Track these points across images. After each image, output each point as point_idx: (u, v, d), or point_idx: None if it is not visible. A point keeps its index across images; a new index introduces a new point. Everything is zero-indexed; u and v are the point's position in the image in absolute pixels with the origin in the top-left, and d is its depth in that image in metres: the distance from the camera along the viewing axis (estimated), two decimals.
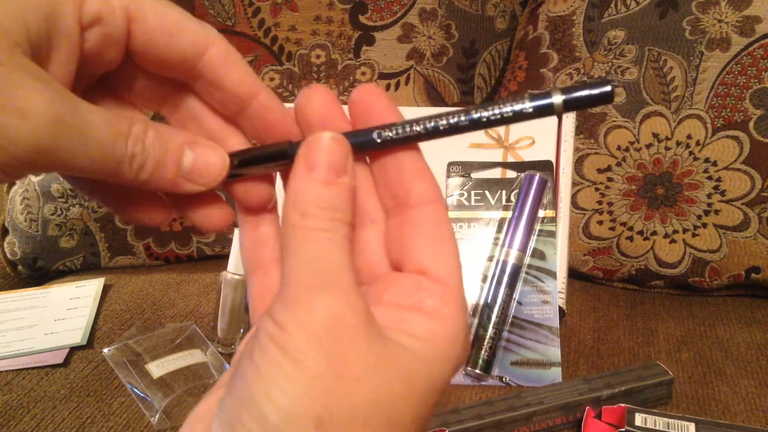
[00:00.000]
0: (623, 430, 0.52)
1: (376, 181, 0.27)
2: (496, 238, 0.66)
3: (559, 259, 0.66)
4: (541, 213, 0.66)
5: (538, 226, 0.66)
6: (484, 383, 0.63)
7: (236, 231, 0.66)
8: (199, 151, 0.26)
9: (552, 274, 0.65)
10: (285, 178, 0.27)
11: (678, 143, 0.76)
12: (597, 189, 0.80)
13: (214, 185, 0.27)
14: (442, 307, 0.24)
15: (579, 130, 0.79)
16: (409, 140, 0.25)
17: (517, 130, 0.70)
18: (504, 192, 0.68)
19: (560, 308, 0.66)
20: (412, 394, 0.22)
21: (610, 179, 0.79)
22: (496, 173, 0.69)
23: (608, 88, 0.24)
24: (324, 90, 0.26)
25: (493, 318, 0.63)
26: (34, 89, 0.21)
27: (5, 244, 0.91)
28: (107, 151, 0.23)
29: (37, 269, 0.90)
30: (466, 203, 0.68)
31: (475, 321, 0.64)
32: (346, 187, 0.24)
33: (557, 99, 0.24)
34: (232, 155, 0.27)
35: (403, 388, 0.22)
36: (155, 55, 0.26)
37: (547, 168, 0.68)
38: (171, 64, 0.26)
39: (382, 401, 0.21)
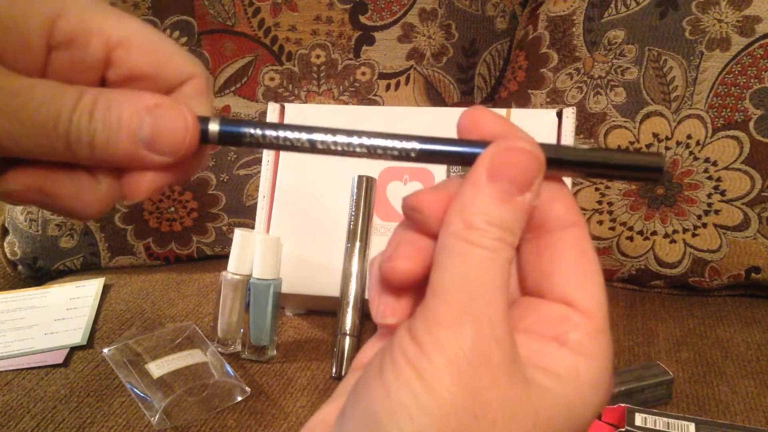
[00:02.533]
0: (623, 430, 0.52)
1: None
2: None
3: None
4: None
5: None
6: None
7: (236, 231, 0.66)
8: (159, 112, 0.23)
9: None
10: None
11: (678, 143, 0.76)
12: (597, 189, 0.80)
13: (178, 154, 0.23)
14: (588, 342, 0.22)
15: (579, 130, 0.79)
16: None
17: None
18: None
19: None
20: None
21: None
22: None
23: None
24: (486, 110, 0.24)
25: None
26: None
27: (5, 244, 0.91)
28: (49, 132, 0.21)
29: (37, 269, 0.90)
30: None
31: None
32: (524, 207, 0.21)
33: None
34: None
35: None
36: (132, 81, 0.24)
37: None
38: (143, 86, 0.24)
39: None
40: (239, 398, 0.59)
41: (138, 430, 0.56)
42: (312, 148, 0.24)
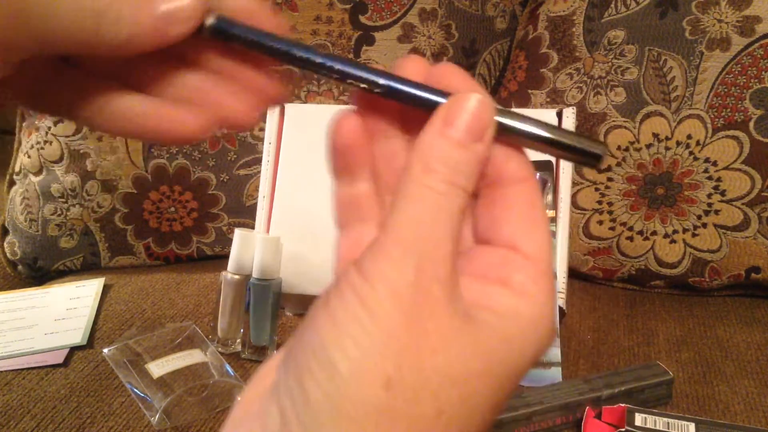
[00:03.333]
0: (623, 430, 0.52)
1: None
2: None
3: (559, 259, 0.66)
4: None
5: None
6: None
7: (236, 231, 0.66)
8: None
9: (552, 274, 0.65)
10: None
11: (678, 143, 0.76)
12: (597, 189, 0.80)
13: (194, 21, 0.25)
14: (530, 284, 0.23)
15: (579, 130, 0.79)
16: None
17: None
18: None
19: (560, 308, 0.66)
20: (488, 374, 0.21)
21: (610, 179, 0.79)
22: None
23: None
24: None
25: None
26: None
27: (5, 244, 0.91)
28: (83, 24, 0.23)
29: (37, 269, 0.90)
30: None
31: None
32: (477, 155, 0.23)
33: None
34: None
35: (480, 367, 0.21)
36: None
37: (547, 168, 0.68)
38: None
39: (456, 377, 0.20)
40: (239, 398, 0.59)
41: (138, 430, 0.56)
42: (290, 59, 0.26)
